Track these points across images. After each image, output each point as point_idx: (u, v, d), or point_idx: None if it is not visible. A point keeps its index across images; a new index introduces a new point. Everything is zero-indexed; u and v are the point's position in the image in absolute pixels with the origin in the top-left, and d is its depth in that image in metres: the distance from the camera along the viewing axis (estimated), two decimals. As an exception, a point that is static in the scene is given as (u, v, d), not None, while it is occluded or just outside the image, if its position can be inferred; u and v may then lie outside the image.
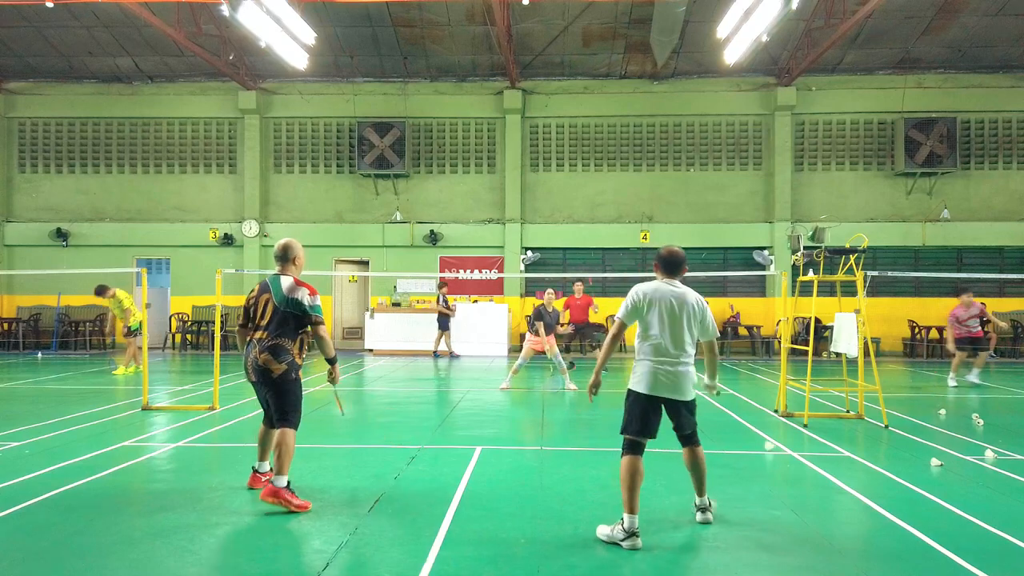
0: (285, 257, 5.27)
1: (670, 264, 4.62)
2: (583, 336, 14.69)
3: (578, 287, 14.29)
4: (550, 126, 18.79)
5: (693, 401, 4.56)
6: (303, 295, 5.09)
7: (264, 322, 5.00)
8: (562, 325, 13.32)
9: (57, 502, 4.93)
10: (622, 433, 4.44)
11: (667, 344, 4.43)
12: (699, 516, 4.65)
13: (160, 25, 14.95)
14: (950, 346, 12.01)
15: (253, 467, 5.37)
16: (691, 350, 4.49)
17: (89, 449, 6.53)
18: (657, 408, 4.44)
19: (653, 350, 4.45)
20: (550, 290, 12.01)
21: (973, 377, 11.88)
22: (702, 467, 4.63)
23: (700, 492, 4.67)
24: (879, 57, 17.61)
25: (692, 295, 4.57)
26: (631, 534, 4.18)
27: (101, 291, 12.74)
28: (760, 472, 6.01)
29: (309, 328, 5.15)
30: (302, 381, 5.13)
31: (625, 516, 4.22)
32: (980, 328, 12.00)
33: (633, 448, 4.39)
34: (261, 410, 5.32)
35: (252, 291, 5.24)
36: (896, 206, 18.17)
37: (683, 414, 4.53)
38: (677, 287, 4.56)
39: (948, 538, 4.27)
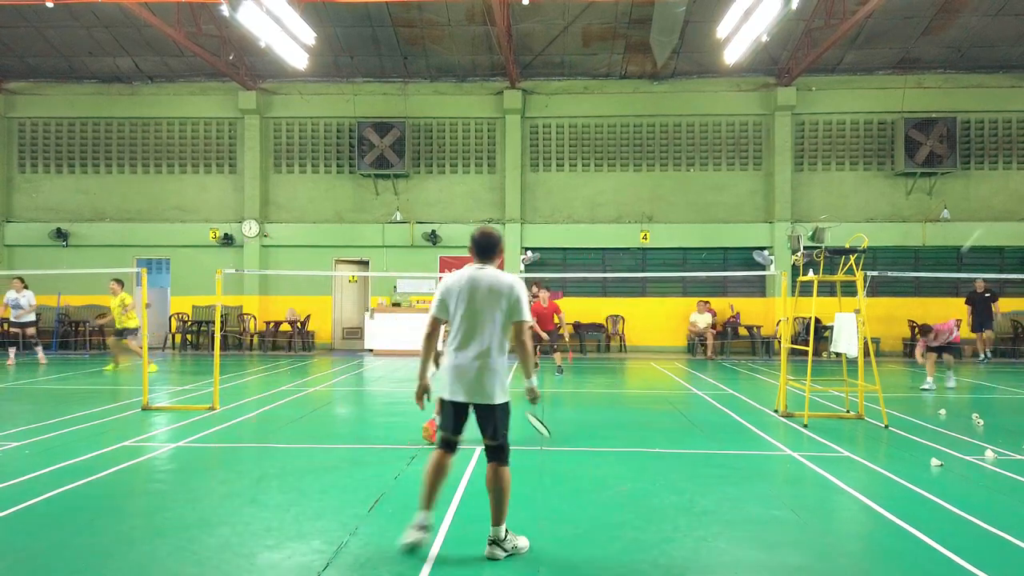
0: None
1: (481, 247, 4.13)
2: (551, 340, 13.22)
3: (543, 294, 13.08)
4: (550, 126, 18.79)
5: (502, 406, 4.03)
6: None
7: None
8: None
9: (57, 502, 4.93)
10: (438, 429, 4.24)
11: (467, 338, 3.99)
12: (487, 550, 3.96)
13: (160, 25, 14.95)
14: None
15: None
16: (498, 343, 4.00)
17: (89, 449, 6.52)
18: (463, 409, 4.06)
19: (454, 345, 4.04)
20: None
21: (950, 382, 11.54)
22: (503, 490, 4.01)
23: (496, 520, 4.00)
24: (879, 57, 17.61)
25: (499, 277, 4.03)
26: (418, 527, 4.00)
27: (119, 284, 13.30)
28: (760, 472, 6.01)
29: None
30: None
31: (419, 512, 4.03)
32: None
33: (445, 445, 4.16)
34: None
35: None
36: (896, 206, 18.17)
37: (487, 420, 4.02)
38: (485, 271, 4.06)
39: (948, 538, 4.27)
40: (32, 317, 14.64)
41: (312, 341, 18.70)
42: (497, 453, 4.06)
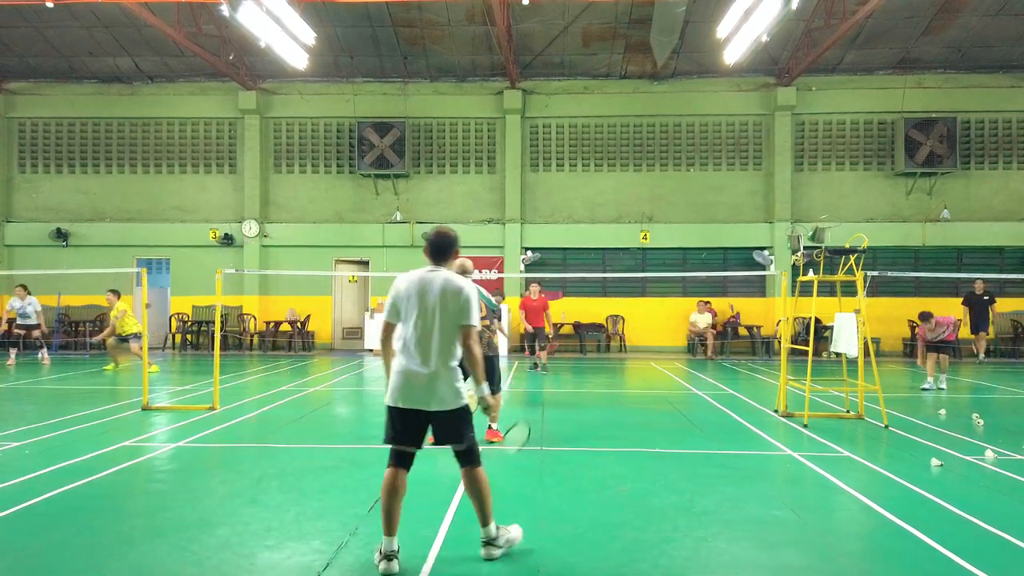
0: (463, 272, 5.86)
1: (435, 248, 4.04)
2: (537, 338, 13.47)
3: (533, 288, 13.45)
4: (550, 126, 18.79)
5: (462, 409, 3.90)
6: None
7: None
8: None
9: (57, 502, 4.93)
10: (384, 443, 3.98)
11: (414, 342, 3.85)
12: (483, 552, 3.93)
13: (160, 25, 14.95)
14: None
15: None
16: (447, 348, 3.86)
17: (89, 449, 6.52)
18: (414, 417, 3.88)
19: (402, 350, 3.90)
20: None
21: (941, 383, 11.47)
22: (482, 492, 3.93)
23: (483, 521, 3.95)
24: (879, 57, 17.61)
25: (451, 280, 3.89)
26: (385, 556, 3.73)
27: (115, 295, 13.50)
28: (760, 472, 6.01)
29: None
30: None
31: (383, 538, 3.79)
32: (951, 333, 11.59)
33: (395, 459, 3.94)
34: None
35: None
36: (896, 206, 18.17)
37: (449, 427, 3.90)
38: (437, 274, 3.93)
39: (948, 538, 4.27)
40: (36, 320, 14.70)
41: (312, 341, 18.71)
42: (467, 457, 3.95)
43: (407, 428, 3.90)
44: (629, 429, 7.86)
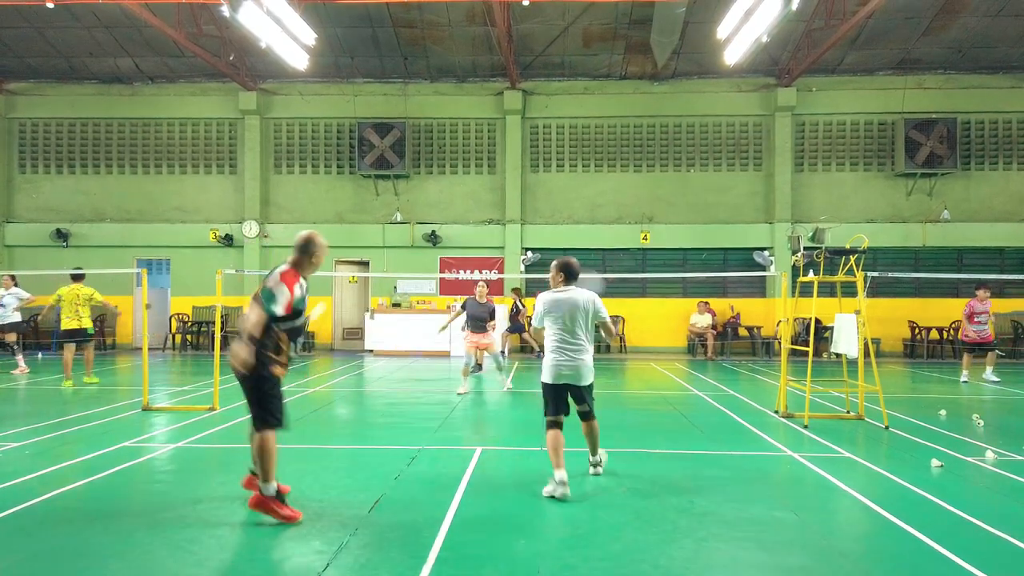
0: (304, 249, 4.77)
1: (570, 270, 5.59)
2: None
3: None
4: (550, 127, 18.79)
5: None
6: (271, 282, 4.55)
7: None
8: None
9: (57, 503, 4.93)
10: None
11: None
12: (591, 470, 5.72)
13: (160, 26, 14.96)
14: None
15: (250, 468, 4.91)
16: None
17: (89, 450, 6.52)
18: (564, 390, 5.59)
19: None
20: (481, 282, 11.17)
21: (989, 375, 12.48)
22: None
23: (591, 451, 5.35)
24: (879, 58, 17.61)
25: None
26: (560, 483, 5.09)
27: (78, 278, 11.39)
28: (760, 473, 6.00)
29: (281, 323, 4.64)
30: (280, 379, 4.69)
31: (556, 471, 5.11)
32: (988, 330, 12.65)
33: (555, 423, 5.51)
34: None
35: None
36: (896, 207, 18.17)
37: (582, 394, 5.35)
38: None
39: (948, 539, 4.27)
40: (16, 318, 12.94)
41: (312, 342, 18.70)
42: (591, 414, 5.67)
43: (561, 399, 5.42)
44: (629, 429, 7.86)
